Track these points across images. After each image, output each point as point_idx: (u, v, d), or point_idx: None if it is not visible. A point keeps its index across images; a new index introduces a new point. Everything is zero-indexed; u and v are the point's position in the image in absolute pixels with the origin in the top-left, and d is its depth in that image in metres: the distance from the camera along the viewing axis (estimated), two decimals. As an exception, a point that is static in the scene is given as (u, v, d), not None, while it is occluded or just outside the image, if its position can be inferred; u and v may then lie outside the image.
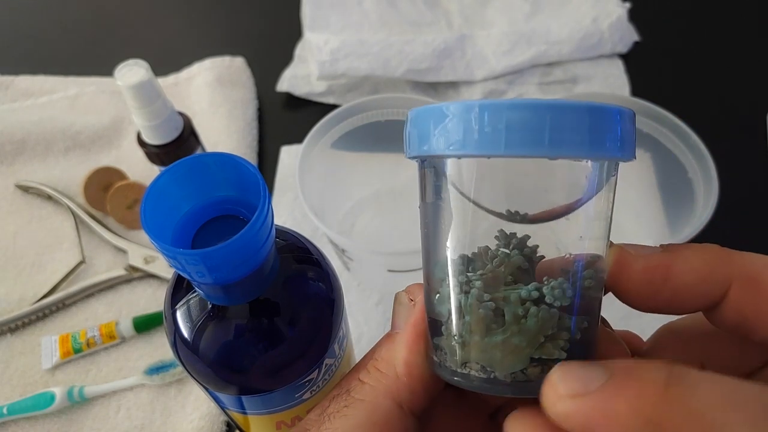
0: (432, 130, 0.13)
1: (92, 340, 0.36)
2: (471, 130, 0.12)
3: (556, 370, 0.12)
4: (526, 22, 0.52)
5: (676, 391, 0.10)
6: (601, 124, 0.12)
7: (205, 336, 0.18)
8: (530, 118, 0.11)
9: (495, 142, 0.12)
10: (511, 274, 0.14)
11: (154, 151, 0.36)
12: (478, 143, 0.12)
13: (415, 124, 0.13)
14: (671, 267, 0.13)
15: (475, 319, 0.13)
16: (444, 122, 0.12)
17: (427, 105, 0.13)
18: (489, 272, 0.13)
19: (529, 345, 0.13)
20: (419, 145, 0.13)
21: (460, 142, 0.12)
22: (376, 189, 0.42)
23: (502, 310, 0.13)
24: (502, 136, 0.11)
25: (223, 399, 0.20)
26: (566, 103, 0.12)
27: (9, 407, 0.34)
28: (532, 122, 0.11)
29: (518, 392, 0.13)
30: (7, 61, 0.53)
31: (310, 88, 0.48)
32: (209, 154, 0.15)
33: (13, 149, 0.45)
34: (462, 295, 0.14)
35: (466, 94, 0.48)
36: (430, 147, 0.13)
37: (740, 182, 0.41)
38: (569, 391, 0.11)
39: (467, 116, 0.12)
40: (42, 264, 0.40)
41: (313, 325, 0.19)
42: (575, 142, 0.12)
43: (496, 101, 0.12)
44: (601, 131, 0.12)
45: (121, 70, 0.32)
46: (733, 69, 0.50)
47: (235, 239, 0.13)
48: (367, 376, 0.15)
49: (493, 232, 0.14)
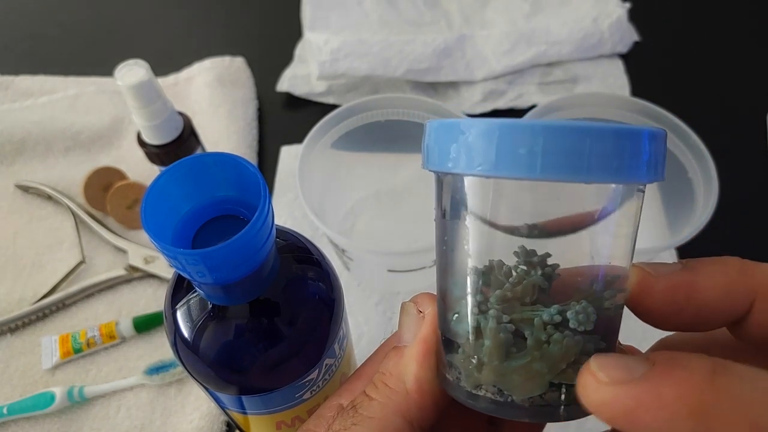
0: (458, 147, 0.12)
1: (92, 340, 0.36)
2: (504, 151, 0.11)
3: (594, 359, 0.12)
4: (526, 22, 0.52)
5: (722, 380, 0.10)
6: (636, 149, 0.12)
7: (205, 336, 0.18)
8: (568, 143, 0.11)
9: (530, 165, 0.11)
10: (529, 294, 0.13)
11: (154, 151, 0.36)
12: (511, 165, 0.11)
13: (438, 138, 0.13)
14: (694, 285, 0.13)
15: (495, 343, 0.13)
16: (471, 139, 0.12)
17: (450, 119, 0.13)
18: (508, 292, 0.13)
19: (551, 371, 0.13)
20: (441, 161, 0.13)
21: (492, 162, 0.11)
22: (376, 189, 0.42)
23: (522, 333, 0.13)
24: (538, 159, 0.11)
25: (223, 399, 0.20)
26: (601, 127, 0.11)
27: (9, 407, 0.34)
28: (570, 147, 0.11)
29: (536, 417, 0.13)
30: (7, 61, 0.53)
31: (310, 88, 0.48)
32: (209, 154, 0.15)
33: (13, 149, 0.45)
34: (480, 315, 0.13)
35: (466, 94, 0.48)
36: (456, 164, 0.12)
37: (740, 182, 0.41)
38: (611, 378, 0.11)
39: (501, 136, 0.11)
40: (42, 264, 0.40)
41: (314, 325, 0.19)
42: (611, 167, 0.11)
43: (529, 123, 0.11)
44: (636, 156, 0.12)
45: (121, 70, 0.32)
46: (733, 69, 0.50)
47: (235, 239, 0.13)
48: (375, 392, 0.15)
49: (512, 249, 0.13)
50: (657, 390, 0.10)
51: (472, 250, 0.13)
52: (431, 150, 0.13)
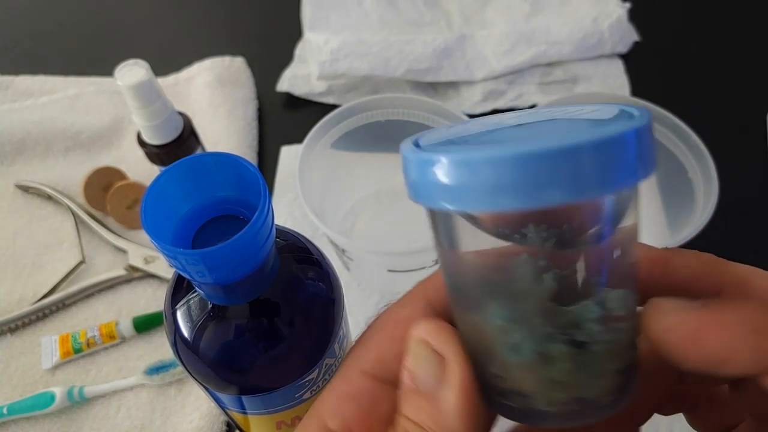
0: (439, 182, 0.11)
1: (92, 340, 0.36)
2: (499, 185, 0.11)
3: (656, 299, 0.13)
4: (526, 22, 0.52)
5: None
6: (623, 156, 0.11)
7: (205, 336, 0.18)
8: (537, 169, 0.10)
9: (528, 194, 0.11)
10: (554, 299, 0.13)
11: (154, 151, 0.36)
12: (513, 196, 0.11)
13: (420, 171, 0.12)
14: (669, 260, 0.15)
15: (562, 357, 0.12)
16: (449, 176, 0.11)
17: (423, 152, 0.12)
18: (547, 303, 0.13)
19: (617, 361, 0.13)
20: (431, 197, 0.12)
21: (482, 198, 0.11)
22: (376, 189, 0.42)
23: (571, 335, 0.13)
24: (525, 189, 0.10)
25: (224, 399, 0.20)
26: (573, 145, 0.10)
27: (9, 407, 0.34)
28: (546, 174, 0.10)
29: (613, 410, 0.13)
30: (7, 61, 0.53)
31: (310, 88, 0.48)
32: (209, 154, 0.15)
33: (13, 149, 0.45)
34: (534, 337, 0.13)
35: (466, 93, 0.48)
36: (451, 200, 0.11)
37: (740, 182, 0.41)
38: (676, 306, 0.12)
39: (490, 167, 0.11)
40: (42, 264, 0.40)
41: (314, 325, 0.19)
42: (602, 182, 0.11)
43: (505, 153, 0.10)
44: (623, 163, 0.11)
45: (121, 70, 0.32)
46: (733, 69, 0.50)
47: (235, 239, 0.13)
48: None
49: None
50: (720, 313, 0.12)
51: (482, 279, 0.13)
52: (418, 184, 0.12)
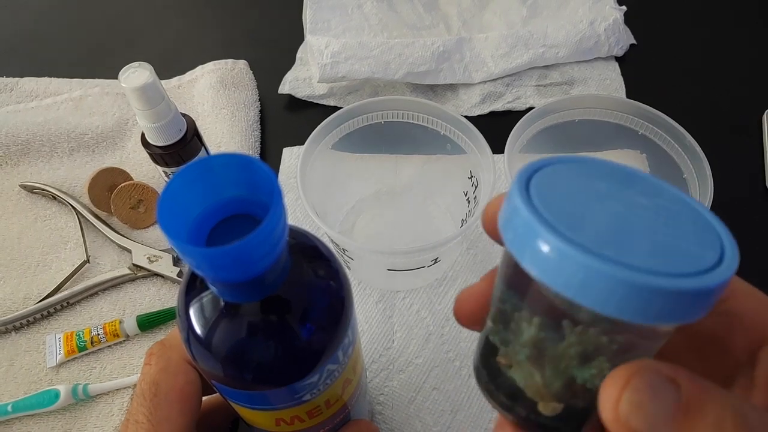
0: (543, 259, 0.12)
1: (96, 338, 0.36)
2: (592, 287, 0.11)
3: (617, 371, 0.12)
4: (523, 25, 0.53)
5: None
6: (704, 303, 0.12)
7: (217, 333, 0.18)
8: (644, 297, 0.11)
9: (608, 304, 0.12)
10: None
11: (158, 152, 0.36)
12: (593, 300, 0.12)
13: (526, 232, 0.13)
14: None
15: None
16: (555, 258, 0.12)
17: (536, 220, 0.12)
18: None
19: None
20: (524, 258, 0.13)
21: (573, 291, 0.12)
22: (376, 189, 0.43)
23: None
24: (614, 303, 0.11)
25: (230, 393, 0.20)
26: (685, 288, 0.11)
27: (14, 405, 0.34)
28: (645, 300, 0.11)
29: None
30: (12, 63, 0.53)
31: (312, 90, 0.49)
32: (222, 155, 0.15)
33: (18, 150, 0.45)
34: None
35: (464, 96, 0.49)
36: (541, 273, 0.12)
37: (735, 183, 0.42)
38: (636, 403, 0.11)
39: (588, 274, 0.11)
40: (47, 263, 0.41)
41: (323, 323, 0.19)
42: (676, 315, 0.12)
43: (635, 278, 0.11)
44: (701, 306, 0.12)
45: (125, 73, 0.33)
46: (728, 71, 0.50)
47: (250, 237, 0.14)
48: None
49: None
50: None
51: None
52: (515, 242, 0.13)
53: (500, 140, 0.35)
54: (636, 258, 0.12)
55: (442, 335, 0.37)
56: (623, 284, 0.11)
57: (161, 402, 0.21)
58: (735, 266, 0.12)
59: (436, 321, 0.37)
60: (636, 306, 0.11)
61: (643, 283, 0.11)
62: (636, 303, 0.11)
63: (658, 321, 0.12)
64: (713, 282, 0.12)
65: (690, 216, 0.14)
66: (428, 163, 0.41)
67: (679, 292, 0.11)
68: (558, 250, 0.12)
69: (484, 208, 0.17)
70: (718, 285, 0.12)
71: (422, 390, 0.35)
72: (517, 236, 0.13)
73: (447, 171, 0.39)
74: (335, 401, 0.23)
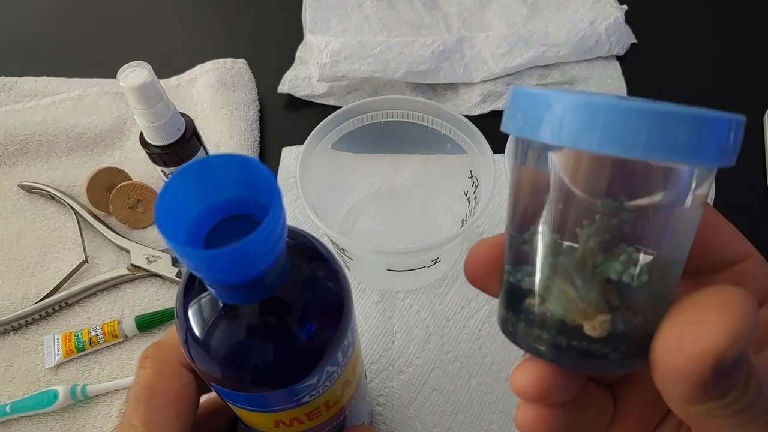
0: (552, 120, 0.12)
1: (95, 338, 0.36)
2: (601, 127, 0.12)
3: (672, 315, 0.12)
4: (524, 24, 0.52)
5: None
6: (715, 134, 0.12)
7: (216, 334, 0.18)
8: (658, 124, 0.12)
9: (633, 144, 0.12)
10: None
11: (156, 151, 0.36)
12: (603, 141, 0.12)
13: (528, 106, 0.13)
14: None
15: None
16: (564, 115, 0.12)
17: (537, 89, 0.13)
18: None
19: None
20: (534, 129, 0.13)
21: (595, 138, 0.12)
22: (376, 189, 0.43)
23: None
24: (642, 141, 0.12)
25: (228, 394, 0.20)
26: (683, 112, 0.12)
27: (12, 406, 0.34)
28: (666, 128, 0.12)
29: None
30: (11, 63, 0.53)
31: (311, 89, 0.49)
32: (220, 156, 0.15)
33: (17, 150, 0.45)
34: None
35: (464, 95, 0.49)
36: (557, 136, 0.12)
37: (735, 183, 0.42)
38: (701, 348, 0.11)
39: (604, 116, 0.12)
40: (45, 263, 0.41)
41: (323, 325, 0.19)
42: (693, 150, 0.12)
43: (622, 102, 0.12)
44: (707, 141, 0.12)
45: (123, 72, 0.33)
46: (729, 71, 0.50)
47: (249, 239, 0.14)
48: None
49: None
50: None
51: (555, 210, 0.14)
52: (516, 117, 0.13)
53: (500, 140, 0.35)
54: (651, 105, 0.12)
55: (442, 336, 0.36)
56: (648, 116, 0.12)
57: (156, 405, 0.21)
58: (743, 119, 0.13)
59: (436, 321, 0.37)
60: (659, 140, 0.12)
61: (667, 113, 0.12)
62: (658, 136, 0.12)
63: (680, 156, 0.12)
64: (727, 117, 0.12)
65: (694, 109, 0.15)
66: (428, 163, 0.41)
67: (700, 118, 0.12)
68: (575, 102, 0.12)
69: (469, 252, 0.16)
70: (733, 120, 0.13)
71: (422, 391, 0.35)
72: (529, 115, 0.13)
73: (447, 171, 0.38)
74: (335, 403, 0.23)
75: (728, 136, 0.13)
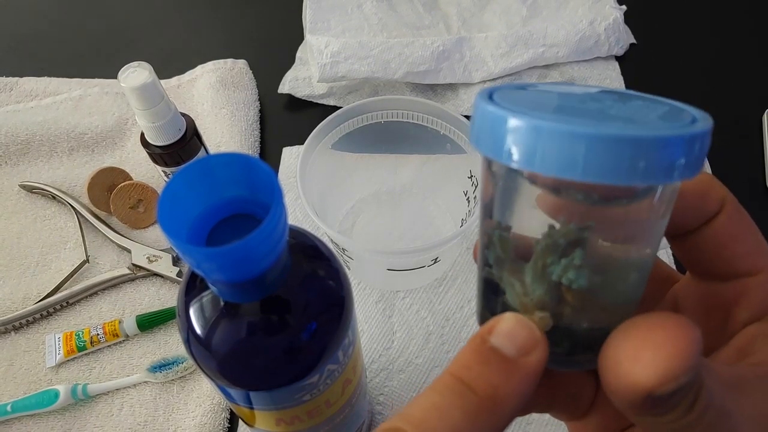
0: (513, 144, 0.12)
1: (96, 338, 0.36)
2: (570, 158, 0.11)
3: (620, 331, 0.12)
4: (523, 24, 0.53)
5: None
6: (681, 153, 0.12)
7: (217, 332, 0.18)
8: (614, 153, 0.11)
9: (575, 169, 0.11)
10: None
11: (157, 151, 0.36)
12: (563, 169, 0.11)
13: (492, 126, 0.13)
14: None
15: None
16: (525, 139, 0.12)
17: (497, 108, 0.12)
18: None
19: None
20: (496, 152, 0.13)
21: (548, 165, 0.11)
22: (376, 189, 0.43)
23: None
24: (580, 166, 0.11)
25: (231, 393, 0.20)
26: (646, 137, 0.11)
27: (13, 405, 0.34)
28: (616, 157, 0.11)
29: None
30: (12, 63, 0.53)
31: (311, 90, 0.49)
32: (222, 155, 0.15)
33: (18, 150, 0.45)
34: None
35: (464, 95, 0.49)
36: (522, 161, 0.12)
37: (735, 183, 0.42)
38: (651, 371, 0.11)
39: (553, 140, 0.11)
40: (46, 263, 0.41)
41: (324, 324, 0.19)
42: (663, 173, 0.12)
43: (577, 132, 0.11)
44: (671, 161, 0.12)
45: (124, 72, 0.33)
46: (728, 71, 0.50)
47: (250, 237, 0.14)
48: None
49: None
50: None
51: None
52: (483, 136, 0.13)
53: (500, 140, 0.35)
54: (609, 125, 0.12)
55: (442, 335, 0.37)
56: (603, 140, 0.11)
57: None
58: (709, 125, 0.12)
59: (436, 321, 0.37)
60: (615, 163, 0.11)
61: (624, 136, 0.11)
62: (614, 159, 0.11)
63: (637, 179, 0.11)
64: (687, 131, 0.12)
65: (660, 105, 0.14)
66: (428, 163, 0.41)
67: (658, 139, 0.11)
68: (533, 126, 0.12)
69: (476, 241, 0.17)
70: (692, 134, 0.12)
71: (422, 390, 0.35)
72: (486, 133, 0.13)
73: (447, 171, 0.39)
74: (335, 401, 0.23)
75: (680, 155, 0.12)
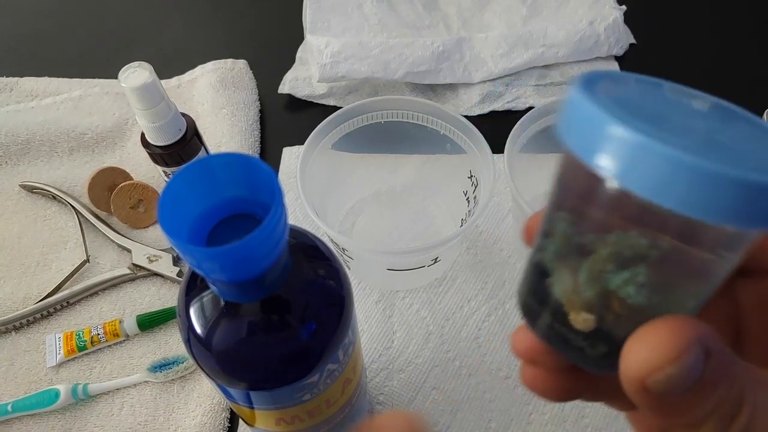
0: (620, 158, 0.11)
1: (96, 338, 0.36)
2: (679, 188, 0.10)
3: (645, 329, 0.12)
4: (523, 25, 0.53)
5: None
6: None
7: (217, 332, 0.18)
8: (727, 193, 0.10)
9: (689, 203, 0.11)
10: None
11: (157, 151, 0.36)
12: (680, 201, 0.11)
13: (592, 130, 0.12)
14: None
15: None
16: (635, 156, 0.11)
17: (601, 111, 0.11)
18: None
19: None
20: (590, 154, 0.12)
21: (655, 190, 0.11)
22: (376, 189, 0.43)
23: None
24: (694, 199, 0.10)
25: (231, 392, 0.20)
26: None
27: (14, 405, 0.34)
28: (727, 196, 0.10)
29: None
30: (12, 63, 0.53)
31: (311, 90, 0.49)
32: (222, 155, 0.15)
33: (18, 150, 0.45)
34: None
35: (464, 96, 0.49)
36: (634, 184, 0.11)
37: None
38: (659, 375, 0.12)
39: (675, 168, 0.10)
40: (47, 263, 0.41)
41: (324, 324, 0.19)
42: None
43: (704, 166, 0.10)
44: None
45: (124, 72, 0.33)
46: (728, 70, 0.50)
47: (251, 237, 0.14)
48: None
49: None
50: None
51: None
52: (577, 133, 0.12)
53: (500, 140, 0.35)
54: (724, 159, 0.11)
55: (441, 335, 0.37)
56: (720, 180, 0.10)
57: None
58: None
59: (435, 321, 0.37)
60: (725, 204, 0.10)
61: (747, 181, 0.10)
62: (727, 200, 0.10)
63: (741, 222, 0.11)
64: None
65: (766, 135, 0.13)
66: (428, 163, 0.41)
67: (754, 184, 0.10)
68: (639, 143, 0.11)
69: (526, 223, 0.16)
70: None
71: (422, 390, 0.35)
72: (582, 132, 0.12)
73: (447, 171, 0.39)
74: (335, 401, 0.23)
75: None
